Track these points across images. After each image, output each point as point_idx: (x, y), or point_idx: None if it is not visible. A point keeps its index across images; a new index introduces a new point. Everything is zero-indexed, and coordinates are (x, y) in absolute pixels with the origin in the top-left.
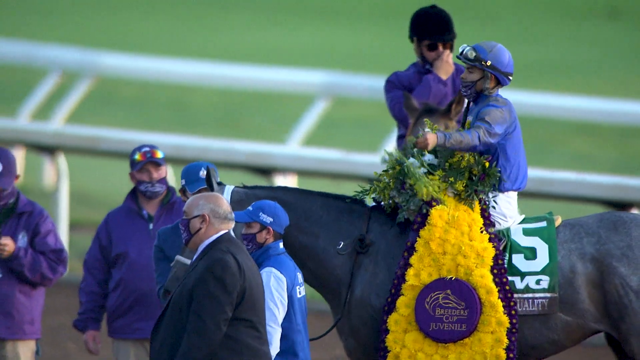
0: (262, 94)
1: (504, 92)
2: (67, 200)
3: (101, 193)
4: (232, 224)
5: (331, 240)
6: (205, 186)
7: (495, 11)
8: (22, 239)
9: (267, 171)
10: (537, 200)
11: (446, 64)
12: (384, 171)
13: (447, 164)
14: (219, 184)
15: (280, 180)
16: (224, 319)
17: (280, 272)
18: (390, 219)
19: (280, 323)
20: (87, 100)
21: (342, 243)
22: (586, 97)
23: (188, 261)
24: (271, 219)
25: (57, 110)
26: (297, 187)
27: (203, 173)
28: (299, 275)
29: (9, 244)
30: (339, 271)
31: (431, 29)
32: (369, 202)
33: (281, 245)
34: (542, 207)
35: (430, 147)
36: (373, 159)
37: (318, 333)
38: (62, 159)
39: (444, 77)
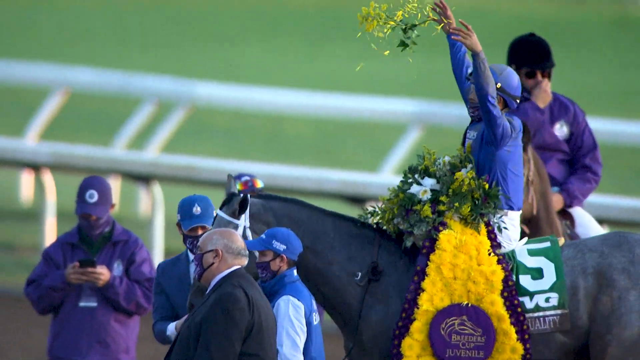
0: (355, 122)
1: (601, 121)
2: (162, 229)
3: None
4: (245, 260)
5: (344, 267)
6: (201, 224)
7: (590, 38)
8: (118, 267)
9: (359, 200)
10: (634, 229)
11: (544, 93)
12: (387, 199)
13: (450, 190)
14: (233, 194)
15: None
16: (231, 353)
17: (298, 300)
18: (398, 245)
19: (302, 350)
20: (182, 129)
21: (360, 274)
22: None
23: None
24: (284, 247)
25: (152, 139)
26: (311, 203)
27: (197, 210)
28: (314, 302)
29: (104, 273)
30: (352, 300)
31: (530, 57)
32: (374, 225)
33: (295, 272)
34: None
35: (472, 43)
36: None
37: (328, 355)
38: (157, 188)
39: (541, 105)
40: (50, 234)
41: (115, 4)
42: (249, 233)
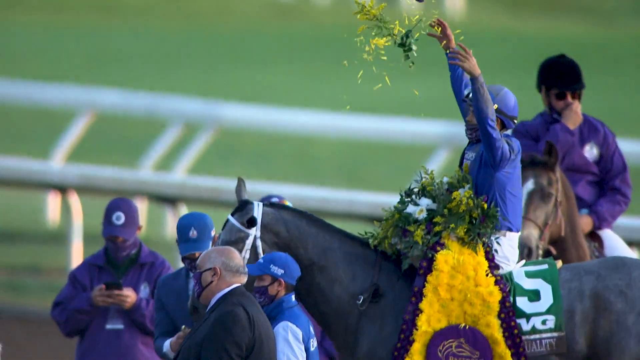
0: (384, 144)
1: (631, 142)
2: None
3: None
4: (244, 278)
5: (346, 287)
6: (197, 252)
7: (619, 61)
8: (144, 290)
9: None
10: None
11: (574, 114)
12: (384, 220)
13: (445, 209)
14: (246, 201)
15: None
16: None
17: (296, 326)
18: (397, 266)
19: None
20: (209, 151)
21: (362, 298)
22: None
23: None
24: (282, 271)
25: (179, 161)
26: (320, 218)
27: (193, 234)
28: (311, 328)
29: (130, 295)
30: (350, 321)
31: (560, 78)
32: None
33: (293, 297)
34: None
35: (470, 67)
36: None
37: None
38: (184, 210)
39: (571, 127)
40: (76, 256)
41: (142, 26)
42: (259, 243)
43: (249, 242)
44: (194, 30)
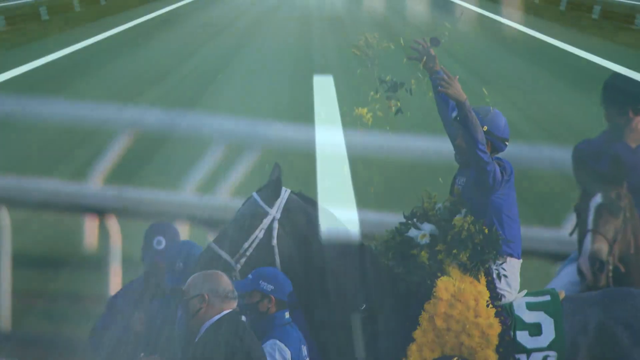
0: (431, 164)
1: None
2: None
3: None
4: (234, 303)
5: (350, 299)
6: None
7: None
8: None
9: None
10: None
11: (635, 132)
12: (384, 240)
13: (448, 236)
14: (276, 183)
15: None
16: None
17: (285, 345)
18: (396, 285)
19: None
20: (254, 172)
21: (365, 305)
22: None
23: (220, 252)
24: (272, 287)
25: (222, 183)
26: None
27: (179, 266)
28: (304, 348)
29: None
30: (345, 336)
31: (621, 94)
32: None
33: (287, 315)
34: None
35: (455, 93)
36: (558, 235)
37: None
38: None
39: (633, 145)
40: (115, 282)
41: (183, 44)
42: (276, 225)
43: (266, 222)
44: (239, 47)
